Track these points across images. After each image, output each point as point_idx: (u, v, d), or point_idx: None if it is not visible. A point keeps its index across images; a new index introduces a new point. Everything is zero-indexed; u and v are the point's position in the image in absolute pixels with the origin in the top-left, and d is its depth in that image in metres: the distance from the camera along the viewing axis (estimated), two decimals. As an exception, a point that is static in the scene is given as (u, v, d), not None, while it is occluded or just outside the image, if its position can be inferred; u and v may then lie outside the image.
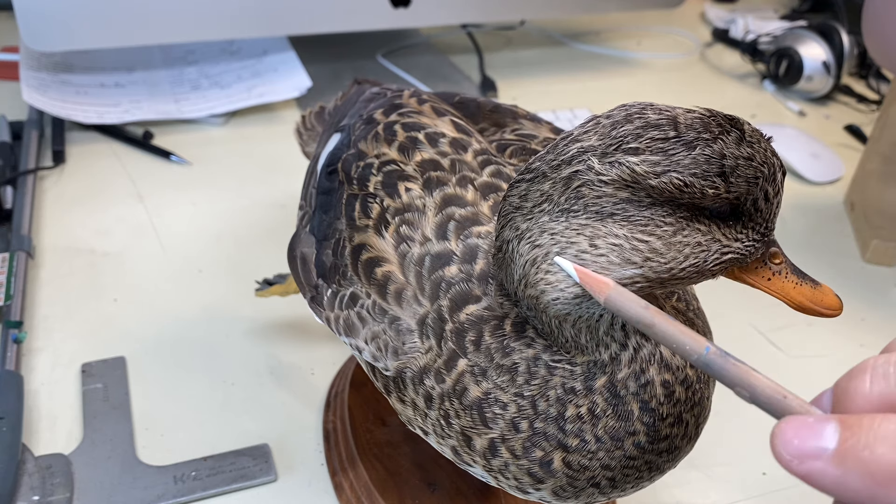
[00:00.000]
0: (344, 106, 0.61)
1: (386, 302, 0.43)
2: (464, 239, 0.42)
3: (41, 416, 0.62)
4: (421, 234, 0.43)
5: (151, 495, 0.56)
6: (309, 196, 0.53)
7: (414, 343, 0.41)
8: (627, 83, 1.22)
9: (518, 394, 0.38)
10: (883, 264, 0.88)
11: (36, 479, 0.56)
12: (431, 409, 0.41)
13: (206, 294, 0.74)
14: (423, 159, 0.46)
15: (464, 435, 0.40)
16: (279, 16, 0.98)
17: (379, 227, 0.44)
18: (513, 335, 0.39)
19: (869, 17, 0.84)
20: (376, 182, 0.46)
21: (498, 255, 0.38)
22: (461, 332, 0.40)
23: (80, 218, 0.84)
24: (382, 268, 0.43)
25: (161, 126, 0.99)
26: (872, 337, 0.77)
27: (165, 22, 0.94)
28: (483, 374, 0.39)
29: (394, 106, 0.52)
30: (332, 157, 0.52)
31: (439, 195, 0.44)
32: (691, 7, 1.46)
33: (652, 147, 0.32)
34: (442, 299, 0.41)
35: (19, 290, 0.71)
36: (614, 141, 0.33)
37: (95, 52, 1.07)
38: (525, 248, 0.35)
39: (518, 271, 0.36)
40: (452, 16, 1.10)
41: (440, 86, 1.13)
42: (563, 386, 0.37)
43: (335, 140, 0.55)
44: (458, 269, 0.41)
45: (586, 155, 0.33)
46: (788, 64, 1.19)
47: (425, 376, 0.41)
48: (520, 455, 0.38)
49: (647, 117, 0.33)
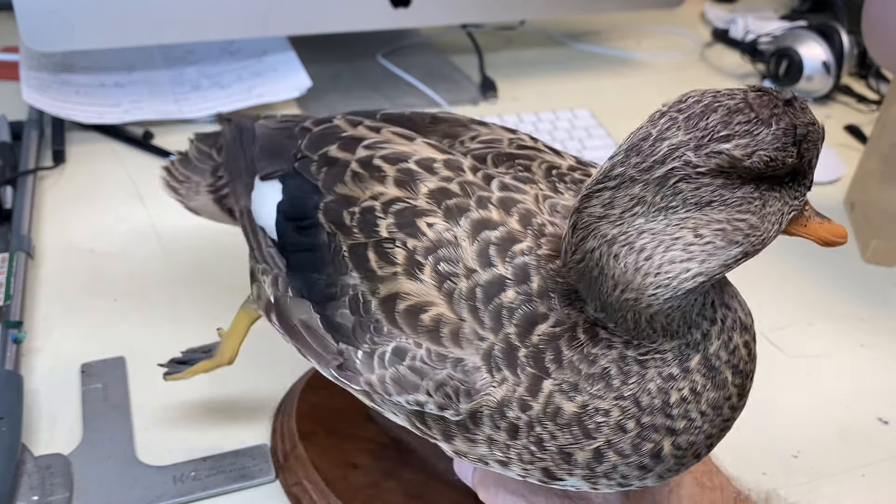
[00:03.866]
0: (234, 149, 0.56)
1: (443, 346, 0.40)
2: (510, 260, 0.40)
3: (41, 416, 0.62)
4: (463, 268, 0.41)
5: (151, 495, 0.56)
6: (269, 256, 0.49)
7: (485, 379, 0.39)
8: (627, 83, 1.22)
9: (619, 396, 0.38)
10: (883, 264, 0.88)
11: (35, 478, 0.56)
12: (518, 439, 0.40)
13: (206, 294, 0.74)
14: (431, 189, 0.43)
15: (562, 453, 0.40)
16: (279, 16, 0.99)
17: (411, 270, 0.41)
18: (589, 342, 0.39)
19: (869, 17, 0.84)
20: (388, 225, 0.43)
21: (578, 267, 0.37)
22: (538, 354, 0.39)
23: (80, 218, 0.84)
24: (429, 312, 0.40)
25: (161, 126, 0.99)
26: (872, 337, 0.77)
27: (165, 22, 0.94)
28: (575, 389, 0.39)
29: (349, 139, 0.48)
30: (293, 209, 0.47)
31: (467, 223, 0.42)
32: (691, 7, 1.46)
33: (739, 131, 0.33)
34: (507, 327, 0.39)
35: (19, 290, 0.71)
36: (705, 132, 0.33)
37: (95, 52, 1.07)
38: (622, 252, 0.35)
39: (614, 277, 0.36)
40: (452, 16, 1.10)
41: (440, 86, 1.13)
42: (661, 375, 0.38)
43: (273, 190, 0.50)
44: (516, 293, 0.40)
45: (679, 151, 0.33)
46: (788, 64, 1.19)
47: (506, 408, 0.39)
48: (629, 454, 0.39)
49: (726, 104, 0.34)
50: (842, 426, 0.68)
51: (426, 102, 1.09)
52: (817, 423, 0.68)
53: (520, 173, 0.46)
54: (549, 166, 0.47)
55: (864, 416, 0.69)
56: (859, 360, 0.75)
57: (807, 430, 0.67)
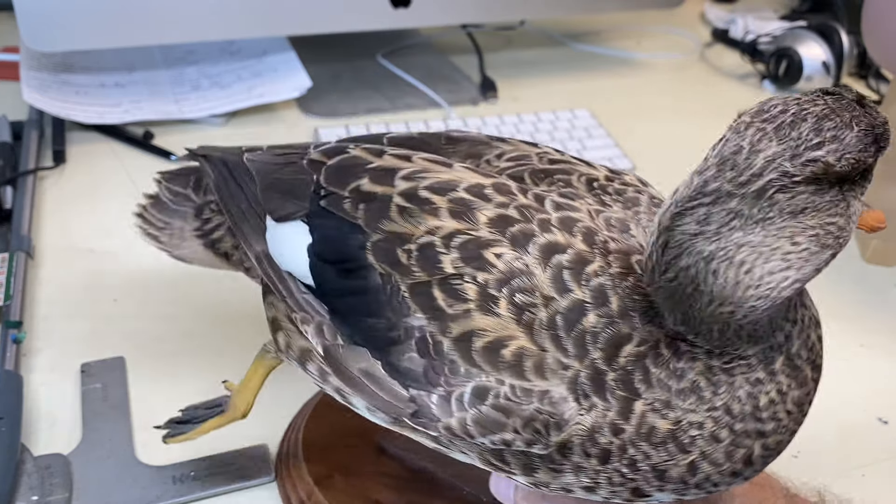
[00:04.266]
0: (228, 188, 0.52)
1: (527, 380, 0.39)
2: (586, 283, 0.40)
3: (40, 415, 0.62)
4: (540, 296, 0.39)
5: (150, 495, 0.56)
6: (305, 303, 0.47)
7: (573, 408, 0.39)
8: (627, 83, 1.22)
9: (711, 408, 0.39)
10: (883, 264, 0.88)
11: (35, 478, 0.56)
12: (609, 464, 0.40)
13: (206, 294, 0.74)
14: (491, 218, 0.42)
15: (656, 471, 0.40)
16: (279, 16, 0.98)
17: (485, 306, 0.40)
18: (673, 357, 0.39)
19: (869, 17, 0.84)
20: (453, 260, 0.40)
21: (669, 285, 0.37)
22: (626, 375, 0.39)
23: (80, 218, 0.84)
24: (510, 347, 0.39)
25: (161, 126, 0.99)
26: (872, 337, 0.77)
27: (165, 22, 0.94)
28: (667, 406, 0.39)
29: (379, 171, 0.45)
30: (332, 251, 0.45)
31: (535, 249, 0.40)
32: (691, 7, 1.46)
33: (829, 137, 0.34)
34: (592, 352, 0.39)
35: (19, 290, 0.71)
36: (798, 142, 0.34)
37: (96, 52, 1.06)
38: (721, 268, 0.35)
39: (712, 293, 0.36)
40: (452, 16, 1.10)
41: (440, 86, 1.13)
42: (748, 380, 0.39)
43: (297, 231, 0.47)
44: (597, 316, 0.39)
45: (776, 162, 0.34)
46: (788, 64, 1.19)
47: (598, 435, 0.39)
48: (722, 462, 0.39)
49: (812, 111, 0.34)
50: (842, 426, 0.68)
51: (426, 102, 1.09)
52: (817, 423, 0.68)
53: (563, 189, 0.45)
54: (587, 179, 0.46)
55: (864, 416, 0.69)
56: (859, 360, 0.75)
57: (807, 430, 0.67)
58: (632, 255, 0.41)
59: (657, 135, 1.08)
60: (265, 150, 0.54)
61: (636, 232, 0.43)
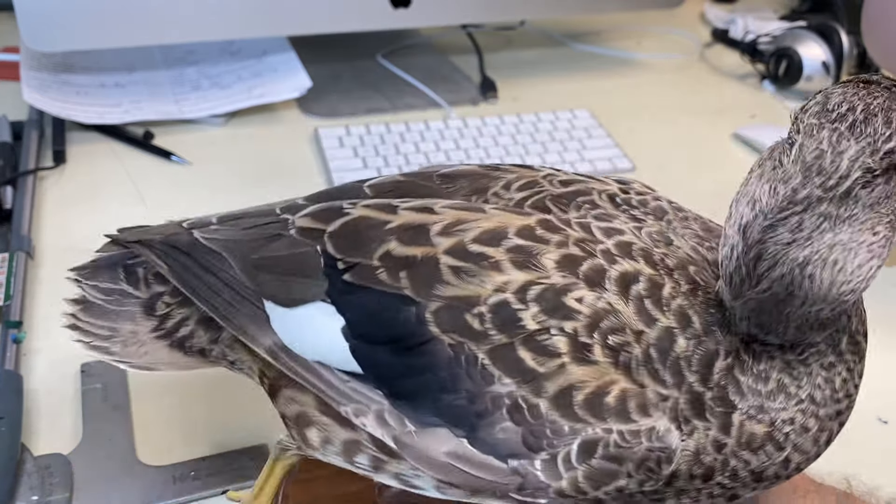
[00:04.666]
0: (195, 276, 0.46)
1: (633, 422, 0.38)
2: (667, 308, 0.39)
3: (40, 415, 0.62)
4: (631, 332, 0.38)
5: (151, 495, 0.56)
6: (353, 392, 0.42)
7: (675, 436, 0.38)
8: (627, 83, 1.22)
9: (798, 401, 0.40)
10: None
11: (35, 478, 0.56)
12: (712, 480, 0.40)
13: (206, 294, 0.74)
14: (557, 261, 0.40)
15: (754, 474, 0.40)
16: (279, 16, 0.99)
17: (580, 355, 0.38)
18: (754, 361, 0.40)
19: (869, 17, 0.84)
20: (535, 314, 0.38)
21: (761, 296, 0.37)
22: (722, 391, 0.39)
23: (80, 218, 0.84)
24: (612, 392, 0.38)
25: (161, 126, 0.99)
26: (872, 337, 0.77)
27: (165, 22, 0.94)
28: (761, 410, 0.39)
29: (405, 230, 0.41)
30: (380, 329, 0.40)
31: (611, 285, 0.39)
32: (691, 7, 1.46)
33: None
34: (689, 377, 0.39)
35: (19, 290, 0.71)
36: (874, 137, 0.34)
37: (96, 52, 1.07)
38: (817, 272, 0.36)
39: (806, 296, 0.36)
40: (452, 16, 1.10)
41: (440, 86, 1.13)
42: (822, 366, 0.40)
43: (320, 314, 0.42)
44: (685, 339, 0.39)
45: (859, 161, 0.34)
46: (788, 64, 1.19)
47: (702, 455, 0.39)
48: (809, 449, 0.41)
49: (877, 104, 0.35)
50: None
51: (426, 102, 1.09)
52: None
53: (594, 211, 0.45)
54: (607, 195, 0.46)
55: (864, 416, 0.69)
56: (859, 361, 0.75)
57: (806, 430, 0.67)
58: (688, 268, 0.41)
59: (657, 135, 1.08)
60: (219, 224, 0.48)
61: (679, 242, 0.43)
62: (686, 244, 0.43)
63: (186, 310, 0.50)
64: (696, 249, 0.43)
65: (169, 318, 0.50)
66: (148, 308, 0.50)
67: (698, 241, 0.44)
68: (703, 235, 0.45)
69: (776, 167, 0.36)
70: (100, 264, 0.52)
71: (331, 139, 0.98)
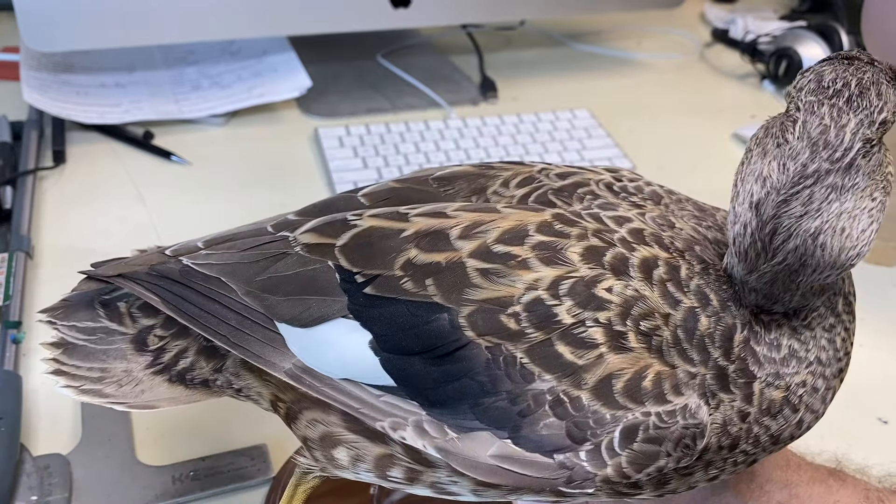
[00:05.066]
0: (194, 304, 0.44)
1: (669, 403, 0.39)
2: (687, 289, 0.40)
3: (39, 416, 0.62)
4: (660, 316, 0.39)
5: (150, 495, 0.56)
6: (387, 406, 0.41)
7: (704, 411, 0.39)
8: (627, 83, 1.22)
9: (808, 364, 0.42)
10: (882, 264, 0.88)
11: (34, 479, 0.56)
12: (737, 448, 0.41)
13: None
14: (582, 253, 0.40)
15: (772, 438, 0.42)
16: (279, 16, 0.99)
17: (615, 344, 0.38)
18: (765, 331, 0.41)
19: (869, 17, 0.84)
20: (569, 308, 0.39)
21: (776, 269, 0.38)
22: (742, 363, 0.40)
23: (80, 218, 0.84)
24: (648, 377, 0.39)
25: (161, 126, 0.99)
26: (872, 337, 0.77)
27: (165, 22, 0.94)
28: (777, 377, 0.41)
29: (422, 237, 0.41)
30: (413, 339, 0.40)
31: (635, 272, 0.40)
32: (691, 7, 1.46)
33: (885, 98, 0.37)
34: (713, 353, 0.40)
35: (18, 290, 0.71)
36: (869, 109, 0.36)
37: (96, 52, 1.07)
38: (828, 241, 0.37)
39: (817, 265, 0.38)
40: (452, 16, 1.10)
41: (440, 86, 1.13)
42: (824, 328, 0.42)
43: (343, 330, 0.41)
44: (707, 317, 0.40)
45: (860, 132, 0.36)
46: (788, 64, 1.19)
47: (729, 426, 0.40)
48: (818, 408, 0.43)
49: (867, 79, 0.37)
50: (842, 427, 0.68)
51: (426, 102, 1.09)
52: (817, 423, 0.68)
53: (598, 201, 0.46)
54: (604, 184, 0.47)
55: (864, 416, 0.69)
56: (859, 360, 0.75)
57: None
58: (694, 248, 0.43)
59: (657, 135, 1.08)
60: (208, 248, 0.46)
61: (681, 224, 0.44)
62: (687, 225, 0.44)
63: (183, 341, 0.48)
64: (696, 230, 0.44)
65: (165, 352, 0.48)
66: (139, 343, 0.48)
67: (696, 222, 0.45)
68: (699, 215, 0.46)
69: (781, 144, 0.37)
70: (72, 303, 0.49)
71: (331, 139, 0.98)
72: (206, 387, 0.49)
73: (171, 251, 0.47)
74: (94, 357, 0.48)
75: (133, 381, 0.48)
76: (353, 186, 0.91)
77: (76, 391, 0.47)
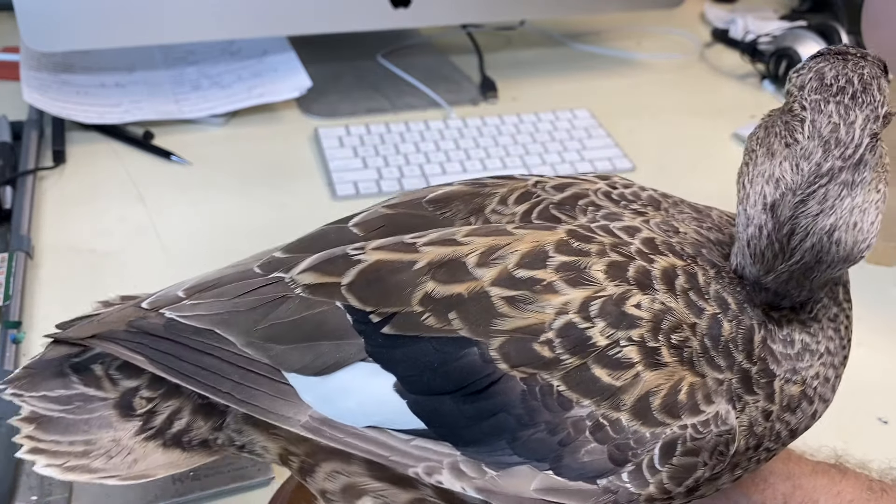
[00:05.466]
0: (187, 361, 0.41)
1: (702, 413, 0.38)
2: (708, 296, 0.40)
3: (40, 415, 0.62)
4: (687, 327, 0.39)
5: (149, 495, 0.56)
6: (418, 450, 0.39)
7: (732, 415, 0.39)
8: (627, 83, 1.22)
9: (819, 356, 0.42)
10: (882, 264, 0.88)
11: (34, 478, 0.56)
12: (761, 447, 0.42)
13: (206, 294, 0.74)
14: (605, 271, 0.39)
15: (791, 431, 0.43)
16: (279, 16, 0.99)
17: (651, 362, 0.38)
18: (777, 328, 0.42)
19: (869, 17, 0.84)
20: (603, 329, 0.38)
21: (794, 268, 0.39)
22: (763, 364, 0.41)
23: (80, 218, 0.84)
24: (682, 390, 0.38)
25: (161, 126, 0.99)
26: (872, 337, 0.77)
27: (165, 22, 0.94)
28: (794, 372, 0.42)
29: (436, 268, 0.39)
30: (443, 378, 0.38)
31: (659, 284, 0.39)
32: (691, 7, 1.46)
33: (885, 93, 0.38)
34: (737, 357, 0.40)
35: (18, 290, 0.71)
36: (872, 104, 0.37)
37: (96, 52, 1.07)
38: (843, 237, 0.37)
39: (832, 261, 0.38)
40: (452, 16, 1.10)
41: (440, 86, 1.13)
42: (829, 318, 0.43)
43: (363, 375, 0.39)
44: (728, 322, 0.40)
45: (867, 128, 0.36)
46: (788, 64, 1.19)
47: (755, 427, 0.41)
48: (829, 397, 0.44)
49: (866, 73, 0.38)
50: (842, 426, 0.68)
51: (426, 102, 1.09)
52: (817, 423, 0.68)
53: (602, 212, 0.45)
54: (602, 193, 0.46)
55: (864, 416, 0.69)
56: (859, 360, 0.75)
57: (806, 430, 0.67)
58: (702, 251, 0.43)
59: (657, 135, 1.08)
60: (190, 297, 0.43)
61: (684, 228, 0.44)
62: (689, 228, 0.44)
63: (175, 400, 0.44)
64: (698, 232, 0.44)
65: (156, 415, 0.44)
66: (124, 408, 0.44)
67: (697, 224, 0.45)
68: (697, 217, 0.46)
69: (791, 144, 0.37)
70: (37, 370, 0.45)
71: (331, 139, 0.98)
72: (205, 447, 0.45)
73: (149, 303, 0.43)
74: (74, 429, 0.43)
75: (123, 450, 0.44)
76: (353, 186, 0.91)
77: (60, 469, 0.42)
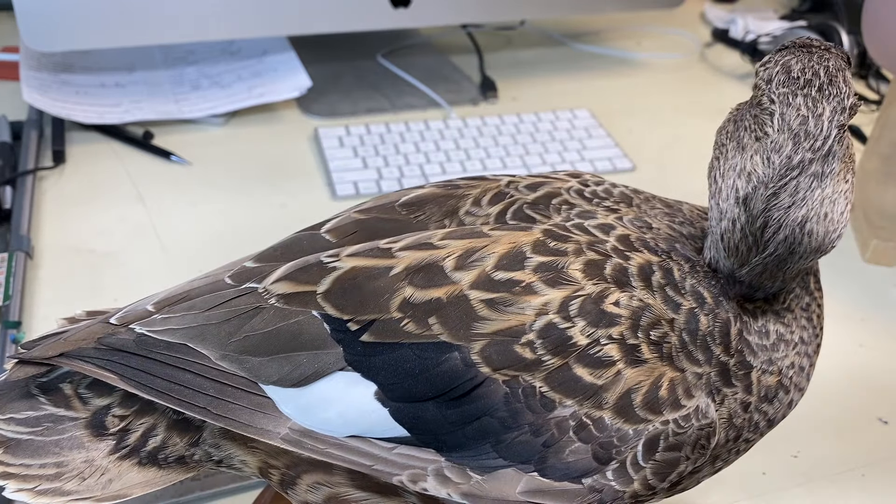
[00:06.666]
0: (155, 380, 0.40)
1: (683, 408, 0.38)
2: (683, 290, 0.40)
3: (40, 415, 0.62)
4: (665, 323, 0.39)
5: (150, 495, 0.56)
6: (402, 458, 0.39)
7: (711, 407, 0.39)
8: (627, 83, 1.22)
9: (794, 346, 0.43)
10: (883, 264, 0.88)
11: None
12: (740, 437, 0.42)
13: (206, 294, 0.74)
14: (582, 269, 0.39)
15: (769, 422, 0.43)
16: (279, 16, 0.99)
17: (631, 358, 0.38)
18: (752, 320, 0.42)
19: (869, 17, 0.84)
20: (583, 328, 0.38)
21: (767, 260, 0.39)
22: (741, 356, 0.41)
23: (80, 218, 0.84)
24: (663, 386, 0.38)
25: (161, 126, 0.99)
26: (872, 337, 0.77)
27: (165, 22, 0.94)
28: (770, 363, 0.42)
29: (414, 272, 0.39)
30: (425, 384, 0.38)
31: (636, 281, 0.40)
32: (691, 7, 1.46)
33: (850, 84, 0.38)
34: (715, 350, 0.40)
35: (18, 290, 0.71)
36: (840, 96, 0.37)
37: (95, 52, 1.07)
38: (814, 228, 0.38)
39: (804, 252, 0.39)
40: (452, 16, 1.10)
41: (440, 86, 1.13)
42: (801, 307, 0.44)
43: (343, 384, 0.39)
44: (705, 316, 0.40)
45: (835, 119, 0.37)
46: (788, 64, 1.19)
47: (734, 419, 0.41)
48: (804, 385, 0.44)
49: (832, 65, 0.38)
50: (842, 426, 0.68)
51: (426, 102, 1.09)
52: (817, 423, 0.68)
53: (577, 210, 0.45)
54: (575, 191, 0.46)
55: (864, 416, 0.69)
56: (859, 360, 0.75)
57: (807, 430, 0.67)
58: (676, 246, 0.43)
59: (657, 135, 1.08)
60: (160, 311, 0.42)
61: (657, 224, 0.44)
62: (662, 224, 0.45)
63: (149, 417, 0.43)
64: (671, 227, 0.45)
65: (129, 433, 0.43)
66: (96, 427, 0.43)
67: (669, 219, 0.45)
68: (669, 212, 0.46)
69: (761, 138, 0.38)
70: (2, 392, 0.43)
71: (331, 139, 0.98)
72: (182, 464, 0.44)
73: (117, 319, 0.42)
74: (44, 451, 0.42)
75: (97, 471, 0.42)
76: (353, 186, 0.91)
77: (31, 493, 0.41)
